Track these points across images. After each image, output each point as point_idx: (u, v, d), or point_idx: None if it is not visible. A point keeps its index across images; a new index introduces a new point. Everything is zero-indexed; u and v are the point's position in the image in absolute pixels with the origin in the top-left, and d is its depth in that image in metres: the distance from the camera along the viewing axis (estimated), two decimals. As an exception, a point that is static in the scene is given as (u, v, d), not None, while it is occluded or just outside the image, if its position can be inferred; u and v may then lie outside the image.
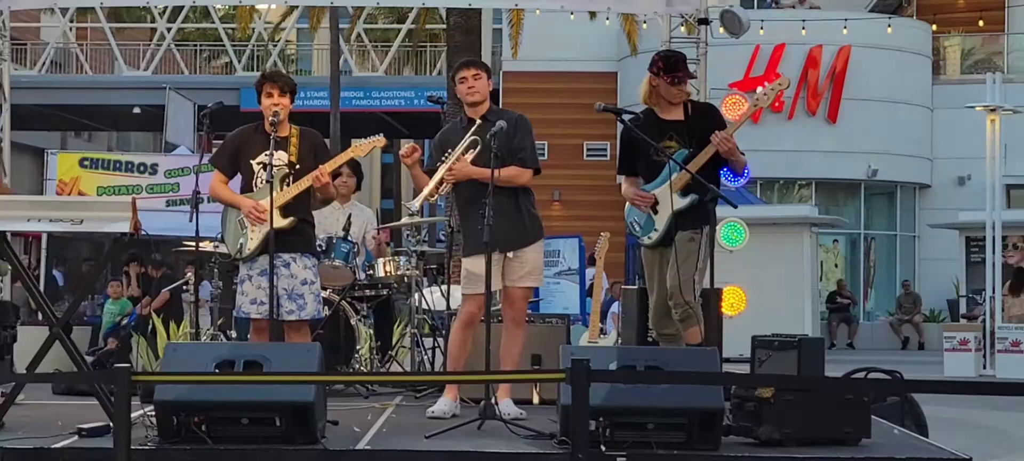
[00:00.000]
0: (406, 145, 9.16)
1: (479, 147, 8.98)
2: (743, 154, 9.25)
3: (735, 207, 9.42)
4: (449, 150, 9.14)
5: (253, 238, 9.20)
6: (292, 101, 9.33)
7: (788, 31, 31.64)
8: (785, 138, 31.03)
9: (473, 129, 8.99)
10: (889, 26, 33.40)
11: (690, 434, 7.53)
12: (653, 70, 9.27)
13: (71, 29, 41.81)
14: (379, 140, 9.65)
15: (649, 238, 9.25)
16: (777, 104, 30.88)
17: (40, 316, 9.50)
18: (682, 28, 13.97)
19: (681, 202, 9.05)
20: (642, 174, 9.36)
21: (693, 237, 8.97)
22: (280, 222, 9.09)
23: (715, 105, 10.75)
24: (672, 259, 9.11)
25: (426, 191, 9.06)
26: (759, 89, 9.65)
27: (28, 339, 11.48)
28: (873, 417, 8.25)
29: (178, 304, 18.16)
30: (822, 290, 31.11)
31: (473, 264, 9.13)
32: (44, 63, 40.14)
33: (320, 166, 9.20)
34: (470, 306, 9.23)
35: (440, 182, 9.06)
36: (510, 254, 9.11)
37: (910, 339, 32.29)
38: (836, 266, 34.59)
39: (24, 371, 9.93)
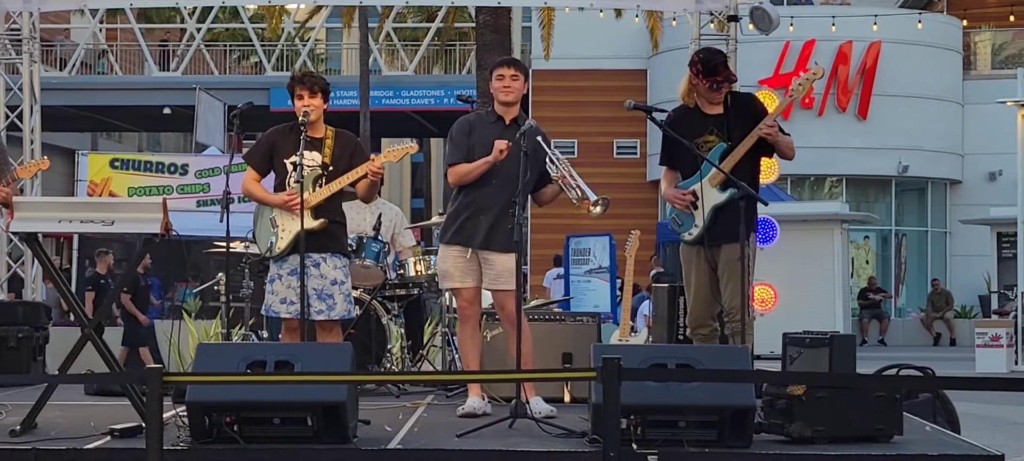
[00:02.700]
0: (502, 142, 9.01)
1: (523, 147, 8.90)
2: (788, 134, 9.19)
3: (766, 204, 9.37)
4: (481, 146, 9.08)
5: (283, 237, 9.21)
6: (325, 101, 9.32)
7: (818, 27, 31.58)
8: (815, 135, 30.96)
9: (522, 132, 8.86)
10: (919, 22, 33.29)
11: (721, 432, 7.52)
12: (693, 70, 9.20)
13: (101, 30, 41.94)
14: (411, 147, 9.66)
15: (690, 234, 9.20)
16: (807, 100, 30.85)
17: (72, 317, 9.53)
18: (712, 25, 13.97)
19: (720, 197, 9.01)
20: (681, 169, 9.31)
21: (739, 252, 8.85)
22: (311, 223, 9.09)
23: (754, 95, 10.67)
24: (723, 275, 9.06)
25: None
26: (793, 80, 9.59)
27: (60, 340, 11.57)
28: (905, 414, 8.22)
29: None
30: (853, 287, 31.04)
31: (445, 258, 9.25)
32: (74, 64, 40.26)
33: (373, 157, 9.21)
34: (460, 302, 9.30)
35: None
36: (482, 253, 9.08)
37: (942, 335, 32.19)
38: (867, 263, 34.51)
39: (56, 372, 9.99)
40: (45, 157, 12.21)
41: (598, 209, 8.73)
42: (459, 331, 9.44)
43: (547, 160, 8.96)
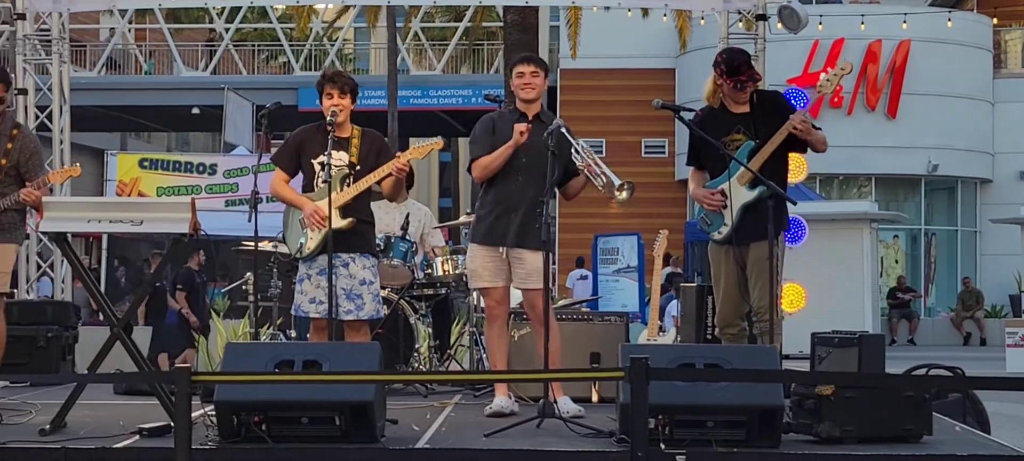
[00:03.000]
0: (522, 125, 9.03)
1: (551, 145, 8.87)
2: (819, 128, 9.15)
3: (795, 203, 9.35)
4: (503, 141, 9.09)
5: (313, 237, 9.21)
6: (353, 101, 9.31)
7: (847, 26, 31.49)
8: (845, 134, 30.87)
9: (549, 132, 8.84)
10: (949, 20, 33.18)
11: (750, 432, 7.50)
12: (717, 71, 9.18)
13: (130, 30, 42.07)
14: (437, 142, 9.63)
15: (719, 233, 9.17)
16: (836, 99, 30.78)
17: (101, 317, 9.55)
18: (740, 24, 13.95)
19: (749, 195, 8.98)
20: (709, 168, 9.29)
21: (768, 252, 8.82)
22: (339, 223, 9.09)
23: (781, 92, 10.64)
24: (751, 275, 9.03)
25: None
26: (822, 76, 9.57)
27: (89, 339, 11.60)
28: (934, 414, 8.19)
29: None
30: (882, 286, 30.95)
31: (474, 257, 9.25)
32: (103, 64, 40.38)
33: (398, 154, 9.21)
34: (488, 301, 9.28)
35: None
36: (514, 252, 9.08)
37: (972, 335, 32.07)
38: (896, 262, 34.40)
39: (86, 371, 10.02)
40: (76, 164, 12.23)
41: (624, 195, 8.69)
42: (487, 331, 9.43)
43: (572, 151, 8.94)
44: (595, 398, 9.78)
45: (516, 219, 8.99)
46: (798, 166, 11.57)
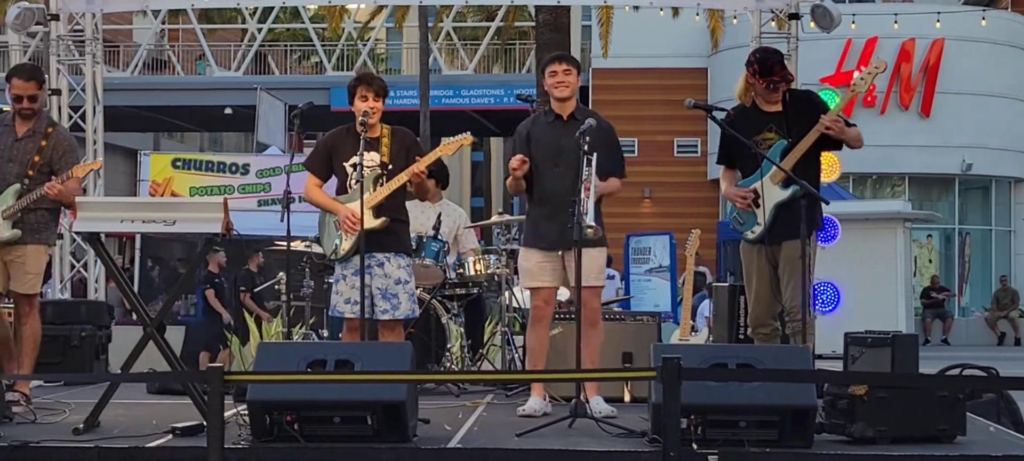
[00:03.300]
0: (515, 159, 9.08)
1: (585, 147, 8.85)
2: (854, 125, 9.11)
3: (827, 203, 9.30)
4: (538, 148, 9.09)
5: (348, 239, 9.21)
6: (384, 103, 9.33)
7: (880, 25, 31.36)
8: (878, 133, 30.75)
9: (581, 132, 8.82)
10: (983, 18, 33.02)
11: (783, 432, 7.48)
12: (749, 70, 9.14)
13: (163, 31, 42.21)
14: (467, 138, 9.62)
15: (752, 233, 9.13)
16: (869, 98, 30.66)
17: (134, 316, 9.59)
18: (773, 23, 13.92)
19: (782, 194, 8.95)
20: (741, 168, 9.25)
21: (800, 251, 8.78)
22: (373, 222, 9.10)
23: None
24: (784, 274, 9.00)
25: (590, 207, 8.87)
26: (855, 74, 9.50)
27: (122, 339, 11.64)
28: (968, 414, 8.15)
29: None
30: (916, 286, 30.83)
31: (526, 258, 9.23)
32: (136, 65, 40.53)
33: (417, 159, 9.21)
34: (537, 301, 9.25)
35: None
36: (568, 254, 9.07)
37: (1006, 335, 31.92)
38: (930, 262, 34.27)
39: (119, 371, 10.05)
40: (99, 158, 12.30)
41: (589, 233, 8.60)
42: (531, 330, 9.36)
43: (582, 164, 8.86)
44: (627, 398, 9.77)
45: (565, 220, 8.91)
46: (831, 165, 11.54)
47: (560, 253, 9.08)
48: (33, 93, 9.41)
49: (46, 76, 9.89)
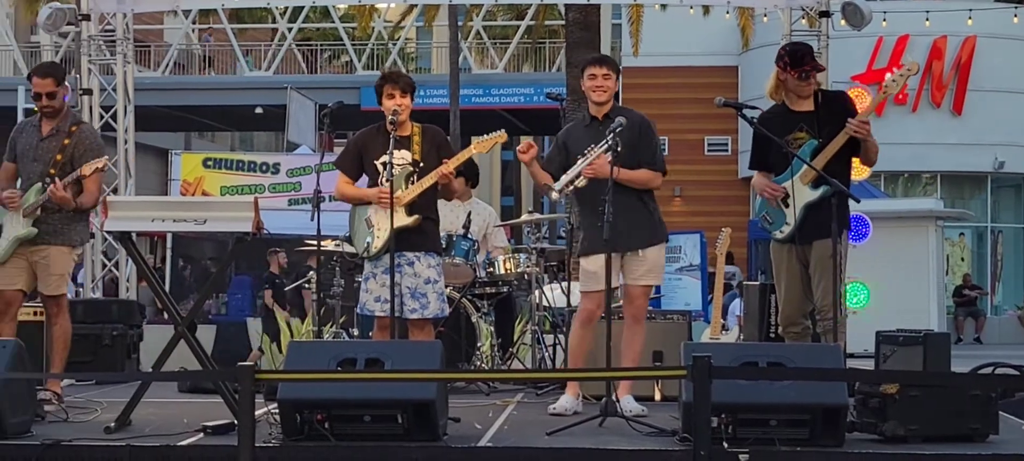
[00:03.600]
0: (523, 141, 9.12)
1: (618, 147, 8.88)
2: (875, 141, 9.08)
3: (858, 202, 9.27)
4: (575, 149, 9.09)
5: (379, 236, 9.20)
6: (412, 100, 9.33)
7: (911, 22, 31.21)
8: (909, 131, 30.62)
9: (611, 130, 8.84)
10: (1015, 16, 32.81)
11: (814, 430, 7.46)
12: (780, 64, 9.11)
13: (194, 31, 42.33)
14: (500, 136, 9.60)
15: (781, 232, 9.10)
16: (901, 96, 30.54)
17: (165, 315, 9.62)
18: (803, 21, 13.87)
19: (812, 194, 8.92)
20: (773, 168, 9.22)
21: (832, 250, 8.74)
22: (405, 220, 9.10)
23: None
24: (815, 273, 8.96)
25: (572, 175, 8.94)
26: (887, 76, 9.47)
27: (154, 338, 11.69)
28: (1001, 413, 8.12)
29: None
30: (948, 284, 30.69)
31: (591, 262, 9.13)
32: (167, 65, 40.66)
33: (445, 161, 9.20)
34: (588, 304, 9.21)
35: (577, 176, 8.95)
36: (631, 253, 9.08)
37: (1039, 333, 31.78)
38: (962, 260, 34.10)
39: (150, 369, 10.09)
40: (129, 158, 12.35)
41: (554, 195, 8.93)
42: (576, 330, 9.29)
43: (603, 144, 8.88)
44: (658, 397, 9.76)
45: (619, 223, 8.87)
46: (860, 163, 11.47)
47: (620, 255, 9.05)
48: (51, 90, 9.44)
49: (67, 73, 9.91)
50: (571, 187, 8.97)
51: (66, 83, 9.65)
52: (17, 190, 9.45)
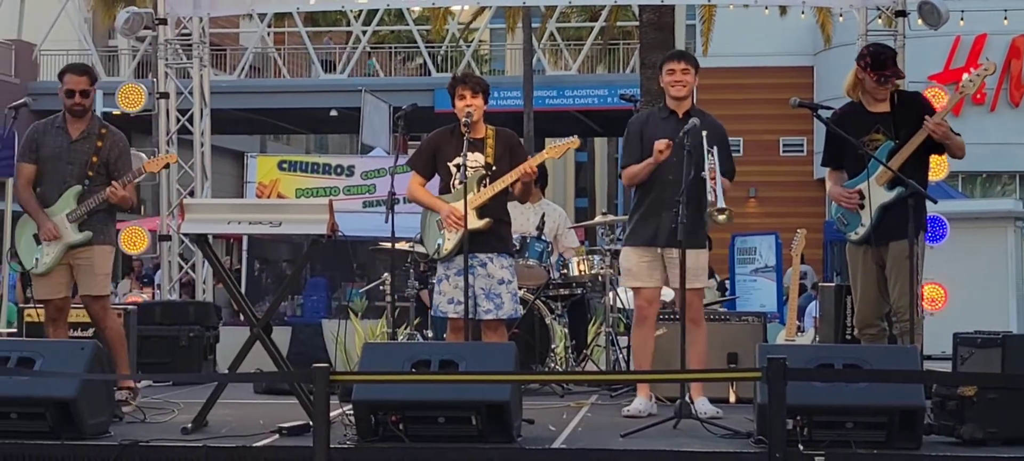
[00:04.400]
0: (661, 142, 9.01)
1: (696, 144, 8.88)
2: (958, 135, 8.99)
3: (935, 202, 9.19)
4: (651, 140, 9.08)
5: (450, 238, 9.22)
6: (486, 101, 9.33)
7: (989, 21, 30.89)
8: (988, 131, 30.33)
9: (684, 132, 8.83)
10: (1094, 13, 32.46)
11: (891, 433, 7.40)
12: (861, 64, 9.04)
13: (269, 34, 42.57)
14: (573, 142, 9.61)
15: (856, 234, 9.03)
16: (979, 96, 30.25)
17: (241, 317, 9.67)
18: (879, 20, 13.76)
19: (887, 196, 8.84)
20: (847, 168, 9.15)
21: (908, 251, 8.67)
22: (476, 223, 9.10)
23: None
24: (891, 275, 8.89)
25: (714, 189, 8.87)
26: (964, 76, 9.37)
27: (230, 339, 11.76)
28: (1082, 416, 8.01)
29: None
30: (1027, 286, 30.32)
31: (626, 258, 9.17)
32: (243, 68, 40.91)
33: (527, 159, 9.21)
34: (639, 301, 9.24)
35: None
36: (668, 251, 9.03)
37: (1121, 335, 31.31)
38: (1042, 261, 33.69)
39: (226, 371, 10.15)
40: (171, 152, 12.43)
41: (722, 218, 8.72)
42: (635, 331, 9.36)
43: (705, 153, 8.88)
44: (733, 399, 9.72)
45: (668, 218, 8.89)
46: (939, 164, 11.35)
47: (658, 250, 9.05)
48: (85, 88, 9.45)
49: (97, 76, 9.94)
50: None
51: (95, 86, 9.66)
52: (52, 220, 9.37)
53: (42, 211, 9.32)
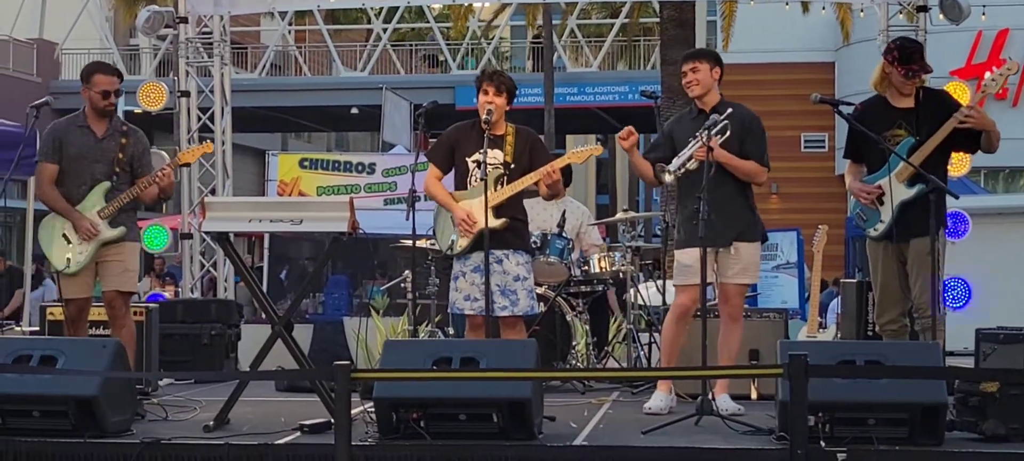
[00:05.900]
0: (624, 128, 9.10)
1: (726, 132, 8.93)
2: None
3: (957, 198, 9.16)
4: (681, 139, 9.10)
5: (464, 235, 9.22)
6: (510, 102, 9.28)
7: (1012, 16, 30.77)
8: (1010, 126, 29.98)
9: (706, 126, 8.87)
10: (1117, 7, 32.34)
11: (912, 429, 7.38)
12: (888, 58, 9.01)
13: (290, 32, 42.64)
14: (596, 149, 9.63)
15: (875, 230, 9.00)
16: (1001, 91, 30.13)
17: (263, 315, 9.68)
18: (901, 16, 13.73)
19: (908, 192, 8.82)
20: (868, 163, 9.13)
21: (929, 247, 8.64)
22: (494, 223, 9.08)
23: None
24: (912, 271, 8.86)
25: (684, 157, 8.96)
26: (987, 75, 9.35)
27: (251, 337, 11.79)
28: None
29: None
30: (1050, 281, 30.23)
31: (685, 255, 9.11)
32: (264, 66, 40.97)
33: (550, 159, 9.20)
34: (682, 298, 9.18)
35: (689, 158, 8.96)
36: (725, 249, 9.04)
37: None
38: (1065, 256, 33.60)
39: (248, 368, 10.17)
40: (208, 141, 12.45)
41: (667, 178, 8.92)
42: (671, 325, 9.26)
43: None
44: (754, 395, 9.71)
45: (717, 216, 8.84)
46: (960, 160, 11.34)
47: (714, 251, 9.02)
48: (117, 88, 9.46)
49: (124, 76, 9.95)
50: (682, 170, 8.95)
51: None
52: (88, 219, 9.35)
53: (75, 209, 9.31)
